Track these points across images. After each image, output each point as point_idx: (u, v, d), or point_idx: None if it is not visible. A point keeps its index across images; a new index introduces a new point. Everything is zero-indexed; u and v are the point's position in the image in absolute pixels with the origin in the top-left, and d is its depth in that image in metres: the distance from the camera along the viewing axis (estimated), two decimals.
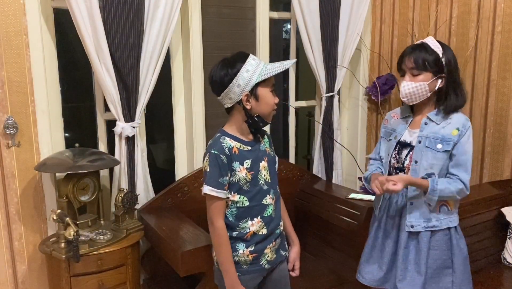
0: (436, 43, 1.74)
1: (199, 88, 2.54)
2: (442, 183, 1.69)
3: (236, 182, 1.60)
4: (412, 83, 1.71)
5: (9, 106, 2.08)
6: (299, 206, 2.76)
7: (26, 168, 2.15)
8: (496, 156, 2.64)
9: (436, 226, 1.75)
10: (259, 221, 1.64)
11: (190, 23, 2.47)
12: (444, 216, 1.76)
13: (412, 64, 1.71)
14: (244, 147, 1.62)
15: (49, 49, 2.19)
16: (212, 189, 1.57)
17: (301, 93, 3.56)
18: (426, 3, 2.93)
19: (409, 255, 1.78)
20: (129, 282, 2.09)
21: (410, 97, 1.73)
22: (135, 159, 2.30)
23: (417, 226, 1.75)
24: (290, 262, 1.83)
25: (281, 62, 1.58)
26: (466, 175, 1.71)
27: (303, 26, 2.75)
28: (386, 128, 1.93)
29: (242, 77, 1.53)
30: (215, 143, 1.60)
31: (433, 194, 1.68)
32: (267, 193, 1.66)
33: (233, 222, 1.63)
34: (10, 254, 2.18)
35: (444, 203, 1.77)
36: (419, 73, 1.70)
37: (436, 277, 1.77)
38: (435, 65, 1.70)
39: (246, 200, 1.62)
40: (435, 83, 1.72)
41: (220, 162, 1.56)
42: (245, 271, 1.64)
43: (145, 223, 2.21)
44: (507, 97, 2.56)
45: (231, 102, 1.58)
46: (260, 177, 1.64)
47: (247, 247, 1.63)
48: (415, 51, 1.72)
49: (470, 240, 2.34)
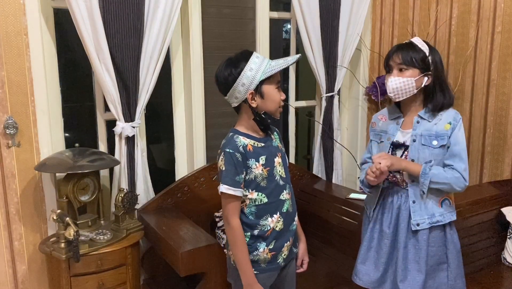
0: (423, 42, 1.75)
1: (199, 88, 2.54)
2: (436, 168, 1.70)
3: (253, 179, 1.60)
4: (400, 78, 1.72)
5: (9, 106, 2.08)
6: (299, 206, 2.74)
7: (26, 168, 2.15)
8: (496, 156, 2.64)
9: (439, 221, 1.75)
10: (278, 217, 1.65)
11: (190, 23, 2.47)
12: (446, 210, 1.76)
13: (400, 60, 1.72)
14: (257, 144, 1.62)
15: (49, 49, 2.20)
16: (228, 188, 1.56)
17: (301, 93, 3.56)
18: (426, 3, 2.93)
19: (408, 254, 1.78)
20: (129, 282, 2.09)
21: (397, 92, 1.73)
22: (135, 159, 2.30)
23: (423, 223, 1.75)
24: (298, 258, 1.84)
25: (284, 59, 1.58)
26: (461, 164, 1.71)
27: (303, 26, 2.75)
28: (375, 131, 1.92)
29: (246, 76, 1.53)
30: (229, 142, 1.59)
31: (425, 177, 1.68)
32: (283, 188, 1.67)
33: (253, 220, 1.62)
34: (10, 254, 2.18)
35: (446, 197, 1.77)
36: (406, 69, 1.72)
37: (432, 273, 1.77)
38: (422, 63, 1.71)
39: (264, 196, 1.62)
40: (422, 80, 1.73)
41: (235, 160, 1.56)
42: (263, 269, 1.65)
43: (145, 223, 2.21)
44: (507, 97, 2.55)
45: (237, 101, 1.59)
46: (276, 173, 1.65)
47: (267, 245, 1.63)
48: (402, 49, 1.74)
49: (470, 240, 2.34)
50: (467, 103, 2.76)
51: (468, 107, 2.75)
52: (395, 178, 1.79)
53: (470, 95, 2.73)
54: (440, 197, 1.76)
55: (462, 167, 1.71)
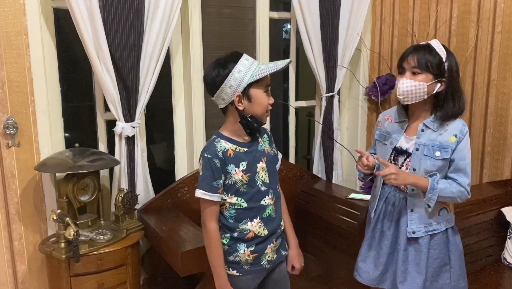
0: (441, 46, 1.71)
1: (199, 88, 2.54)
2: (442, 183, 1.69)
3: (232, 184, 1.59)
4: (412, 81, 1.68)
5: (9, 106, 2.08)
6: (299, 206, 2.76)
7: (26, 168, 2.15)
8: (496, 156, 2.64)
9: (436, 230, 1.75)
10: (258, 222, 1.63)
11: (190, 23, 2.47)
12: (443, 218, 1.76)
13: (414, 63, 1.68)
14: (239, 149, 1.60)
15: (49, 49, 2.19)
16: (204, 193, 1.56)
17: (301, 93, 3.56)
18: (426, 3, 2.93)
19: (408, 256, 1.78)
20: (129, 282, 2.09)
21: (407, 95, 1.70)
22: (135, 159, 2.30)
23: (419, 231, 1.75)
24: (288, 263, 1.81)
25: (274, 62, 1.55)
26: (465, 179, 1.70)
27: (303, 26, 2.75)
28: (381, 131, 1.89)
29: (233, 78, 1.51)
30: (209, 146, 1.58)
31: (433, 192, 1.67)
32: (265, 194, 1.65)
33: (232, 224, 1.62)
34: (10, 254, 2.18)
35: (444, 206, 1.76)
36: (420, 73, 1.68)
37: (436, 276, 1.77)
38: (437, 68, 1.67)
39: (243, 201, 1.61)
40: (434, 86, 1.69)
41: (213, 165, 1.55)
42: (246, 271, 1.64)
43: (145, 223, 2.21)
44: (507, 97, 2.55)
45: (224, 103, 1.57)
46: (257, 178, 1.63)
47: (247, 247, 1.63)
48: (419, 51, 1.69)
49: (470, 240, 2.34)
50: (467, 103, 2.76)
51: (468, 107, 2.75)
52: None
53: (470, 95, 2.73)
54: (439, 206, 1.75)
55: (466, 182, 1.70)
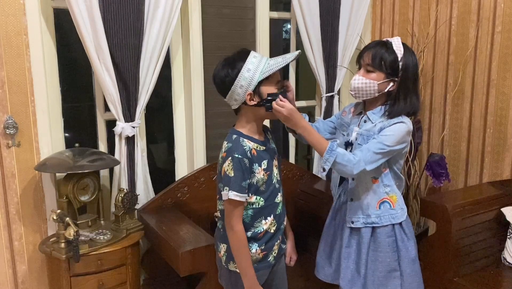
0: (400, 45, 1.69)
1: (199, 88, 2.54)
2: (341, 149, 1.63)
3: (254, 183, 1.57)
4: (364, 78, 1.68)
5: (9, 106, 2.08)
6: (299, 206, 2.76)
7: (26, 168, 2.15)
8: (496, 156, 2.64)
9: (375, 223, 1.72)
10: (272, 220, 1.64)
11: (190, 23, 2.47)
12: (385, 213, 1.73)
13: (368, 61, 1.68)
14: (260, 147, 1.59)
15: (49, 49, 2.19)
16: (237, 194, 1.51)
17: (301, 93, 3.56)
18: (426, 3, 2.93)
19: (351, 253, 1.78)
20: (129, 282, 2.09)
21: (358, 92, 1.70)
22: (135, 159, 2.30)
23: (357, 221, 1.75)
24: (287, 256, 1.84)
25: (283, 56, 1.53)
26: (360, 154, 1.61)
27: (303, 26, 2.75)
28: (342, 120, 1.86)
29: (243, 77, 1.49)
30: (237, 146, 1.53)
31: (331, 154, 1.59)
32: (278, 191, 1.66)
33: (248, 223, 1.61)
34: (10, 254, 2.18)
35: (386, 199, 1.73)
36: (372, 71, 1.68)
37: (384, 281, 1.75)
38: (390, 67, 1.66)
39: (262, 200, 1.61)
40: (386, 85, 1.68)
41: (243, 165, 1.51)
42: (255, 268, 1.64)
43: (145, 223, 2.21)
44: (507, 97, 2.55)
45: (236, 103, 1.56)
46: (273, 176, 1.63)
47: (259, 246, 1.62)
48: (376, 47, 1.68)
49: (470, 240, 2.34)
50: (467, 103, 2.76)
51: (468, 107, 2.75)
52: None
53: (470, 95, 2.73)
54: (379, 198, 1.73)
55: (359, 155, 1.60)
